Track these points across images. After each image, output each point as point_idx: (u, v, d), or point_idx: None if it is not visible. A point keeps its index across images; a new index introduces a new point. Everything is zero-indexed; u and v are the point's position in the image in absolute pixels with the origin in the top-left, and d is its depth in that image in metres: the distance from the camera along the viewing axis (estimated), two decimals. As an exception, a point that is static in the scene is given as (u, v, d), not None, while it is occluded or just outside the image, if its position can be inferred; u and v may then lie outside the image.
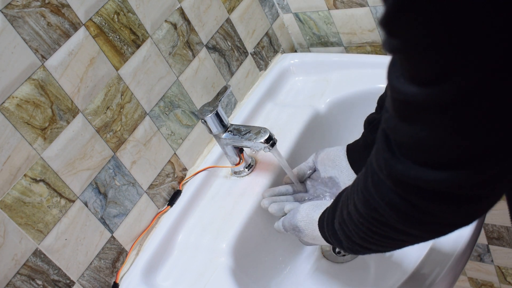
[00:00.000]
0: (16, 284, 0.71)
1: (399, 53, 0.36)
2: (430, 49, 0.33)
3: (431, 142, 0.37)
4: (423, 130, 0.37)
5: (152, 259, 0.84)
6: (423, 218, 0.43)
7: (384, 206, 0.45)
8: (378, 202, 0.45)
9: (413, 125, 0.38)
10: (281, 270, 0.90)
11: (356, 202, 0.50)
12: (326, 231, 0.62)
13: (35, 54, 0.72)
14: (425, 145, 0.38)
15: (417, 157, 0.39)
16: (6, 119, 0.69)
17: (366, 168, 0.48)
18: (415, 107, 0.36)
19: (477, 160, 0.37)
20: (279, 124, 0.98)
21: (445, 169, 0.38)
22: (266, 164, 0.92)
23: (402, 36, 0.34)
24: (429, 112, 0.36)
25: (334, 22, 1.05)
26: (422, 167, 0.39)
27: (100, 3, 0.79)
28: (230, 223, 0.85)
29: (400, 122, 0.39)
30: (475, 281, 1.46)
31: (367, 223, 0.49)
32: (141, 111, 0.86)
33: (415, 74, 0.35)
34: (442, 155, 0.38)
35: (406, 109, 0.37)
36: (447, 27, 0.31)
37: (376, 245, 0.52)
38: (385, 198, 0.44)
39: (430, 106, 0.35)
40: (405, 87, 0.36)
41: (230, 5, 1.00)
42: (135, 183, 0.86)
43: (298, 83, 1.07)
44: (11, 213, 0.70)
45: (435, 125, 0.36)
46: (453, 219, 0.43)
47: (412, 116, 0.37)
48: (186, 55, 0.93)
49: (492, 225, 1.26)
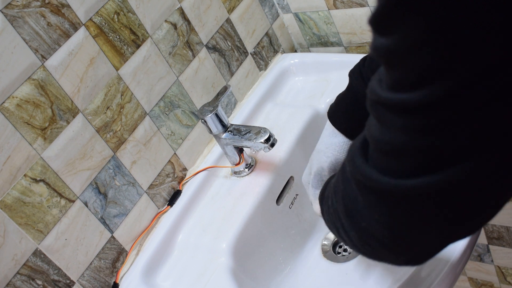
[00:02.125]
0: (16, 284, 0.71)
1: (382, 55, 0.34)
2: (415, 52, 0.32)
3: (390, 147, 0.36)
4: (387, 134, 0.36)
5: (152, 259, 0.84)
6: (362, 223, 0.42)
7: (340, 200, 0.45)
8: (339, 186, 0.45)
9: (383, 127, 0.36)
10: (281, 270, 0.90)
11: (330, 193, 0.49)
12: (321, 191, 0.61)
13: (35, 54, 0.72)
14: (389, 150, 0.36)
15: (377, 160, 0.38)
16: (6, 119, 0.69)
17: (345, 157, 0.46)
18: (387, 109, 0.35)
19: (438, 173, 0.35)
20: (279, 124, 0.98)
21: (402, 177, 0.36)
22: (266, 164, 0.92)
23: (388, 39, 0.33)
24: (398, 117, 0.34)
25: (334, 22, 1.05)
26: (378, 170, 0.38)
27: (100, 3, 0.79)
28: (230, 223, 0.85)
29: (377, 123, 0.37)
30: (475, 281, 1.46)
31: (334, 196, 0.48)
32: (141, 111, 0.86)
33: (395, 78, 0.34)
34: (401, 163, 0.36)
35: (379, 110, 0.36)
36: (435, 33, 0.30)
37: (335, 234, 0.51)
38: (344, 190, 0.44)
39: (400, 111, 0.34)
40: (382, 90, 0.35)
41: (230, 5, 1.00)
42: (135, 183, 0.86)
43: (298, 83, 1.07)
44: (11, 213, 0.70)
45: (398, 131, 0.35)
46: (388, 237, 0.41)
47: (382, 119, 0.36)
48: (186, 55, 0.93)
49: (492, 225, 1.26)
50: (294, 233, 0.93)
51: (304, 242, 0.94)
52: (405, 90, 0.33)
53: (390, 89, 0.34)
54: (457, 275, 0.71)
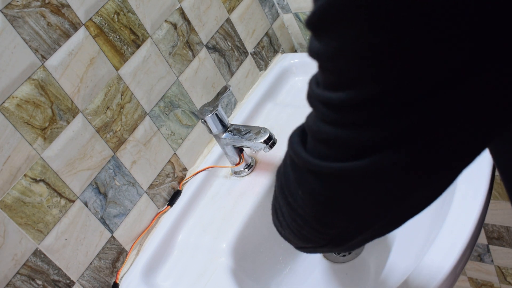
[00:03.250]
0: (16, 284, 0.71)
1: (316, 56, 0.38)
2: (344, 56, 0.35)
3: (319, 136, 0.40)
4: (316, 123, 0.40)
5: (152, 259, 0.84)
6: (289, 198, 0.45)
7: (283, 179, 0.47)
8: (281, 172, 0.48)
9: (314, 116, 0.41)
10: (281, 270, 0.90)
11: (280, 169, 0.52)
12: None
13: (35, 54, 0.72)
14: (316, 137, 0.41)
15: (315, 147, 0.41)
16: (6, 119, 0.69)
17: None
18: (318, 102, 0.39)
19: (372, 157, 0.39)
20: (279, 124, 0.98)
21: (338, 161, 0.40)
22: (266, 164, 0.92)
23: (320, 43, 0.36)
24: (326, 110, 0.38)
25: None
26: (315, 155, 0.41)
27: (100, 3, 0.79)
28: (230, 223, 0.85)
29: (314, 115, 0.41)
30: (475, 281, 1.46)
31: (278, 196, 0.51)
32: (141, 111, 0.86)
33: (326, 79, 0.37)
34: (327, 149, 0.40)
35: (311, 100, 0.41)
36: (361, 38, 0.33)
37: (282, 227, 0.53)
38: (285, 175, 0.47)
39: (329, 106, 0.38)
40: (316, 87, 0.39)
41: (230, 5, 1.00)
42: (135, 183, 0.86)
43: (298, 83, 1.07)
44: (11, 213, 0.70)
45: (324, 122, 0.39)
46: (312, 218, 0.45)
47: (314, 107, 0.41)
48: (186, 55, 0.93)
49: (492, 225, 1.26)
50: (294, 233, 0.93)
51: (304, 242, 0.94)
52: (334, 90, 0.37)
53: (323, 87, 0.38)
54: (457, 275, 0.71)
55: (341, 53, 0.35)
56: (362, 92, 0.35)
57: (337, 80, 0.36)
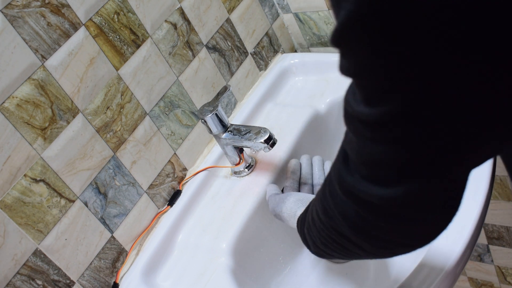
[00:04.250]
0: (16, 284, 0.71)
1: (347, 74, 0.37)
2: (371, 71, 0.34)
3: (372, 158, 0.38)
4: (366, 147, 0.38)
5: (152, 259, 0.84)
6: (372, 232, 0.44)
7: (338, 216, 0.46)
8: (333, 211, 0.46)
9: (360, 141, 0.39)
10: (281, 270, 0.90)
11: (318, 209, 0.51)
12: (300, 232, 0.63)
13: (35, 54, 0.72)
14: (368, 161, 0.39)
15: (362, 171, 0.40)
16: (6, 119, 0.69)
17: (326, 176, 0.49)
18: (361, 124, 0.37)
19: (409, 181, 0.38)
20: (279, 124, 0.98)
21: (384, 185, 0.39)
22: (266, 164, 0.92)
23: (348, 57, 0.35)
24: (372, 130, 0.37)
25: (334, 22, 1.05)
26: (367, 182, 0.40)
27: (100, 3, 0.79)
28: (230, 223, 0.85)
29: (353, 137, 0.40)
30: (475, 281, 1.46)
31: (327, 230, 0.50)
32: (141, 111, 0.86)
33: (361, 95, 0.36)
34: (381, 172, 0.39)
35: (354, 124, 0.39)
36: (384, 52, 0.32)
37: (337, 253, 0.53)
38: (338, 208, 0.45)
39: (373, 125, 0.36)
40: (356, 104, 0.37)
41: (230, 5, 1.00)
42: (135, 183, 0.86)
43: (298, 83, 1.07)
44: (11, 213, 0.70)
45: (375, 143, 0.37)
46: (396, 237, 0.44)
47: (359, 132, 0.38)
48: (186, 55, 0.93)
49: (492, 225, 1.26)
50: (294, 233, 0.93)
51: (304, 242, 0.94)
52: (370, 105, 0.36)
53: (361, 102, 0.37)
54: (457, 275, 0.71)
55: (364, 69, 0.34)
56: (391, 108, 0.34)
57: (368, 95, 0.36)
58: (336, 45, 0.35)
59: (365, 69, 0.34)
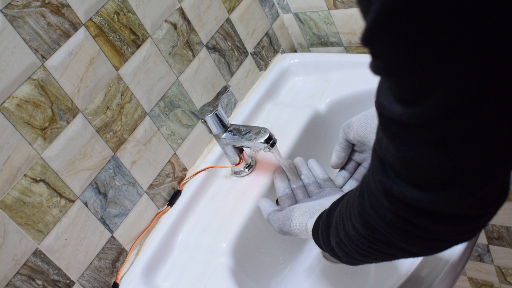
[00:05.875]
0: (16, 284, 0.71)
1: (381, 74, 0.36)
2: (409, 68, 0.32)
3: (418, 162, 0.37)
4: (410, 150, 0.37)
5: (152, 259, 0.84)
6: (424, 236, 0.43)
7: (384, 226, 0.45)
8: (378, 222, 0.45)
9: (401, 145, 0.37)
10: (281, 270, 0.90)
11: (355, 224, 0.50)
12: (323, 245, 0.62)
13: (35, 54, 0.72)
14: (413, 166, 0.38)
15: (408, 177, 0.39)
16: (6, 119, 0.69)
17: (361, 188, 0.48)
18: (402, 126, 0.36)
19: (465, 180, 0.37)
20: (279, 124, 0.98)
21: (435, 189, 0.38)
22: (266, 164, 0.92)
23: (382, 55, 0.34)
24: (414, 132, 0.35)
25: (334, 22, 1.05)
26: (414, 188, 0.39)
27: (100, 3, 0.79)
28: (230, 223, 0.85)
29: (390, 142, 0.38)
30: (475, 281, 1.46)
31: (369, 242, 0.49)
32: (141, 111, 0.86)
33: (399, 94, 0.35)
34: (430, 176, 0.37)
35: (393, 128, 0.37)
36: (424, 46, 0.31)
37: (377, 259, 0.52)
38: (385, 219, 0.44)
39: (415, 126, 0.35)
40: (392, 106, 0.36)
41: (230, 5, 1.00)
42: (135, 183, 0.86)
43: (298, 83, 1.07)
44: (11, 213, 0.70)
45: (421, 145, 0.36)
46: (451, 236, 0.43)
47: (400, 136, 0.37)
48: (186, 55, 0.93)
49: (492, 225, 1.26)
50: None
51: (304, 242, 0.94)
52: (409, 105, 0.34)
53: (397, 103, 0.35)
54: (457, 275, 0.71)
55: (401, 66, 0.33)
56: (433, 105, 0.33)
57: (406, 94, 0.34)
58: (367, 44, 0.34)
59: (402, 66, 0.33)
